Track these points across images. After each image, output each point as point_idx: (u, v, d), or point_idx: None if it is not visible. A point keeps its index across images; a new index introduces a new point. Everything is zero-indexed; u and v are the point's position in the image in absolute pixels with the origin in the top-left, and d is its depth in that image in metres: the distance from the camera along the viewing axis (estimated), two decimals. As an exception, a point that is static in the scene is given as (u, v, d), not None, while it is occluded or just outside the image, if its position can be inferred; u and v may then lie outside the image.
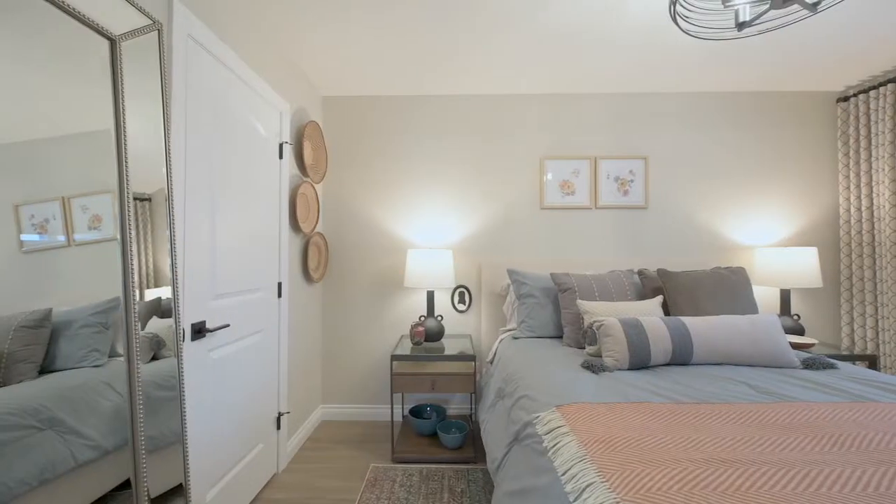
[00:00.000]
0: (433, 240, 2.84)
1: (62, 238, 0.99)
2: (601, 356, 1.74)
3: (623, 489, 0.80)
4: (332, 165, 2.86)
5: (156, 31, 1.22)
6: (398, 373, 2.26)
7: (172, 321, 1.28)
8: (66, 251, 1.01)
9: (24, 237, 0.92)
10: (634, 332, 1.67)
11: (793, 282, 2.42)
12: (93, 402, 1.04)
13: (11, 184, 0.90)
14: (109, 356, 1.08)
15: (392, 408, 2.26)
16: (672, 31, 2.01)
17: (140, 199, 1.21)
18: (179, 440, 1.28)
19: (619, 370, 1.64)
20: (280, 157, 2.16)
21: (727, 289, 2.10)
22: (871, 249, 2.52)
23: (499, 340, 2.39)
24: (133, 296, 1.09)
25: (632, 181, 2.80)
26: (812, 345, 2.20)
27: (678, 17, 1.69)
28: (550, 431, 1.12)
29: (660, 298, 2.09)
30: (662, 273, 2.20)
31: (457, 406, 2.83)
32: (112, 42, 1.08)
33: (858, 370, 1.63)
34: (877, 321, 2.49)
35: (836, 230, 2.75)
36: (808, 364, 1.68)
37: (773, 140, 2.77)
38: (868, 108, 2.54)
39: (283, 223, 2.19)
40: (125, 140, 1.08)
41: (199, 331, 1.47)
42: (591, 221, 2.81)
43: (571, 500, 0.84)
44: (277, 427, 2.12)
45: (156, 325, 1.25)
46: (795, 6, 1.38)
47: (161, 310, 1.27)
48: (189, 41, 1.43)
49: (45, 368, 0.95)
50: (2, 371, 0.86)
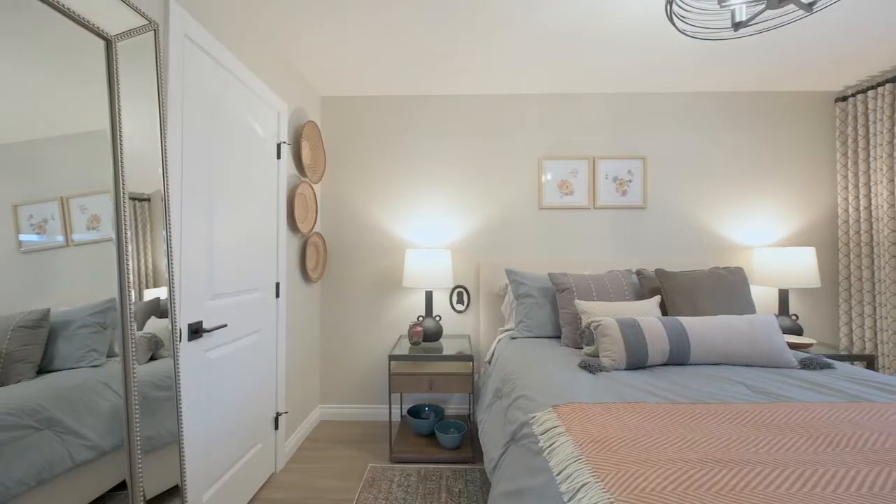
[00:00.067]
0: (432, 240, 2.84)
1: (61, 238, 0.99)
2: (598, 356, 1.74)
3: (617, 489, 0.80)
4: (331, 165, 2.86)
5: (152, 32, 1.22)
6: (396, 373, 2.26)
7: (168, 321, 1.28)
8: (65, 251, 1.00)
9: (23, 237, 0.92)
10: (632, 332, 1.67)
11: (791, 282, 2.42)
12: (91, 403, 1.04)
13: (10, 184, 0.90)
14: (108, 356, 1.08)
15: (390, 408, 2.26)
16: (671, 31, 2.01)
17: (139, 200, 1.21)
18: (176, 441, 1.28)
19: (617, 370, 1.64)
20: (278, 158, 2.16)
21: (725, 289, 2.10)
22: (870, 249, 2.52)
23: (497, 340, 2.39)
24: (129, 296, 1.09)
25: (630, 181, 2.80)
26: (810, 345, 2.20)
27: (674, 17, 1.68)
28: (546, 431, 1.12)
29: (657, 298, 2.09)
30: (660, 273, 2.20)
31: (455, 406, 2.83)
32: (108, 42, 1.08)
33: (856, 370, 1.63)
34: (875, 321, 2.49)
35: (835, 230, 2.74)
36: (806, 364, 1.68)
37: (772, 140, 2.77)
38: (866, 108, 2.53)
39: (281, 223, 2.19)
40: (121, 140, 1.08)
41: (196, 331, 1.47)
42: (590, 221, 2.81)
43: (566, 501, 0.84)
44: (275, 427, 2.12)
45: (154, 325, 1.25)
46: (791, 6, 1.38)
47: (160, 310, 1.27)
48: (185, 41, 1.43)
49: (44, 368, 0.95)
50: (0, 371, 0.86)
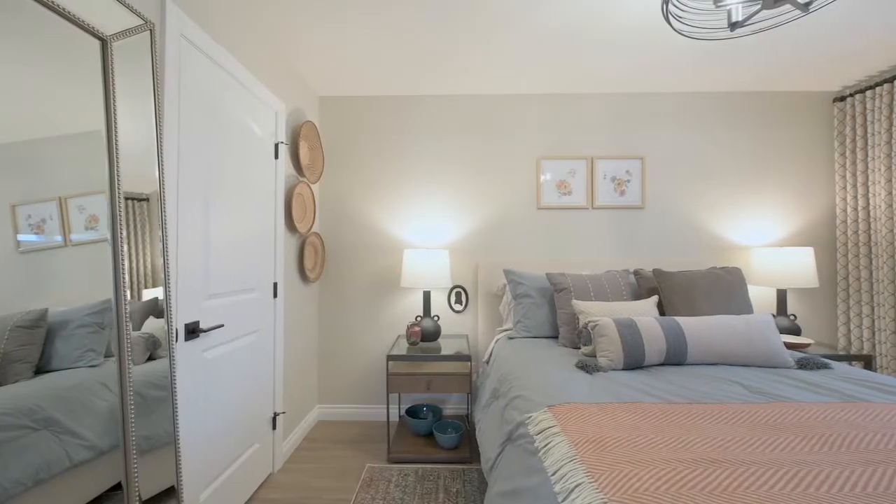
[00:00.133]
0: (430, 240, 2.84)
1: (59, 238, 0.99)
2: (595, 356, 1.74)
3: (611, 489, 0.80)
4: (329, 165, 2.86)
5: (148, 32, 1.22)
6: (394, 373, 2.26)
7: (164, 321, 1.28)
8: (63, 251, 1.00)
9: (21, 237, 0.92)
10: (629, 332, 1.67)
11: (789, 282, 2.42)
12: (88, 403, 1.04)
13: (8, 184, 0.90)
14: (106, 356, 1.08)
15: (388, 408, 2.26)
16: (670, 32, 2.01)
17: (138, 200, 1.21)
18: (172, 441, 1.28)
19: (614, 370, 1.63)
20: (275, 157, 2.16)
21: (723, 289, 2.10)
22: (868, 249, 2.51)
23: (495, 340, 2.39)
24: (124, 296, 1.09)
25: (628, 181, 2.80)
26: (808, 345, 2.20)
27: (671, 17, 1.68)
28: (542, 431, 1.12)
29: (655, 298, 2.08)
30: (658, 273, 2.20)
31: (453, 406, 2.83)
32: (103, 42, 1.08)
33: (852, 370, 1.63)
34: (873, 321, 2.49)
35: (833, 230, 2.74)
36: (803, 364, 1.68)
37: (770, 140, 2.77)
38: (864, 108, 2.53)
39: (279, 223, 2.19)
40: (116, 140, 1.08)
41: (193, 331, 1.47)
42: (588, 221, 2.81)
43: (560, 501, 0.84)
44: (273, 427, 2.12)
45: (153, 325, 1.25)
46: (787, 6, 1.38)
47: (158, 310, 1.28)
48: (182, 41, 1.43)
49: (41, 368, 0.95)
50: (-4, 371, 0.86)
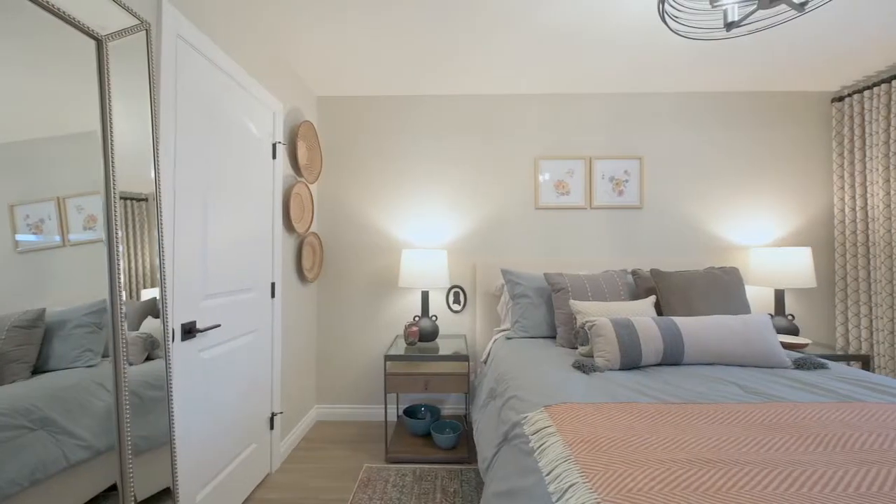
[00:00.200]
0: (429, 240, 2.84)
1: (57, 238, 1.00)
2: (593, 356, 1.74)
3: (605, 489, 0.80)
4: (328, 165, 2.86)
5: (143, 32, 1.22)
6: (392, 373, 2.26)
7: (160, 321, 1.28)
8: (62, 251, 1.01)
9: (20, 237, 0.93)
10: (626, 333, 1.67)
11: (787, 282, 2.42)
12: (86, 403, 1.04)
13: (7, 184, 0.90)
14: (103, 356, 1.08)
15: (386, 408, 2.26)
16: (668, 32, 2.00)
17: (137, 200, 1.21)
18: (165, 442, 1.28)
19: (610, 370, 1.63)
20: (273, 158, 2.16)
21: (720, 289, 2.10)
22: (866, 249, 2.51)
23: (493, 340, 2.39)
24: (119, 296, 1.09)
25: (627, 181, 2.80)
26: (805, 345, 2.20)
27: (667, 17, 1.68)
28: (537, 432, 1.12)
29: (652, 298, 2.08)
30: (655, 273, 2.20)
31: (451, 406, 2.83)
32: (99, 42, 1.08)
33: (849, 370, 1.63)
34: (871, 321, 2.49)
35: (831, 230, 2.74)
36: (799, 364, 1.68)
37: (769, 140, 2.77)
38: (862, 109, 2.53)
39: (277, 223, 2.19)
40: (112, 140, 1.08)
41: (190, 331, 1.47)
42: (586, 221, 2.81)
43: (554, 501, 0.84)
44: (270, 427, 2.12)
45: (151, 325, 1.26)
46: (783, 6, 1.38)
47: (156, 310, 1.28)
48: (179, 41, 1.43)
49: (39, 368, 0.95)
50: (-7, 371, 0.86)
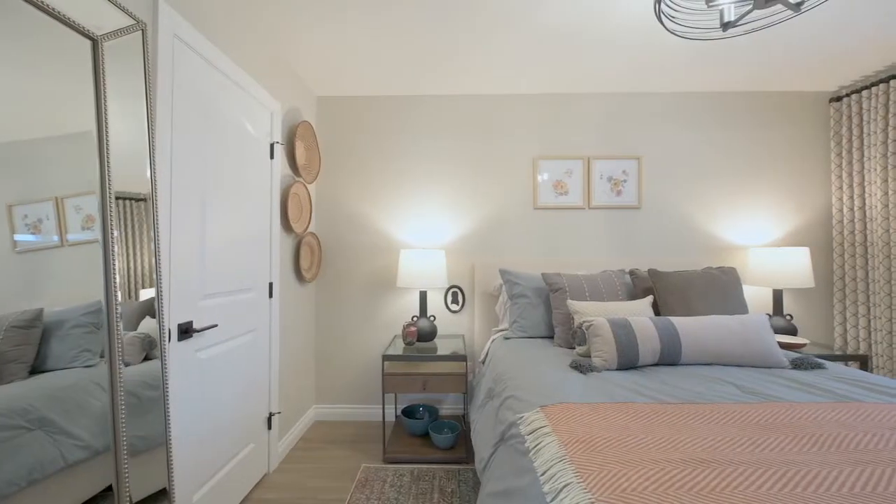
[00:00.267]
0: (427, 240, 2.84)
1: (56, 238, 1.00)
2: (590, 356, 1.74)
3: (599, 489, 0.80)
4: (326, 165, 2.86)
5: (139, 32, 1.22)
6: (390, 373, 2.26)
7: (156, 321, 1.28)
8: (60, 251, 1.01)
9: (18, 237, 0.93)
10: (623, 333, 1.67)
11: (785, 282, 2.42)
12: (84, 403, 1.04)
13: (5, 183, 0.91)
14: (101, 356, 1.08)
15: (384, 408, 2.26)
16: (667, 32, 2.00)
17: (136, 200, 1.21)
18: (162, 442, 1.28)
19: (608, 370, 1.63)
20: (271, 158, 2.16)
21: (718, 289, 2.10)
22: (864, 249, 2.51)
23: (491, 340, 2.39)
24: (115, 296, 1.09)
25: (625, 181, 2.80)
26: (803, 345, 2.20)
27: (663, 17, 1.68)
28: (533, 432, 1.12)
29: (650, 298, 2.08)
30: (653, 273, 2.20)
31: (450, 406, 2.83)
32: (94, 42, 1.08)
33: (846, 370, 1.62)
34: (869, 321, 2.49)
35: (829, 230, 2.74)
36: (797, 364, 1.68)
37: (767, 140, 2.77)
38: (861, 109, 2.53)
39: (275, 223, 2.19)
40: (107, 140, 1.08)
41: (186, 331, 1.47)
42: (585, 221, 2.81)
43: (548, 501, 0.84)
44: (268, 427, 2.12)
45: (149, 325, 1.26)
46: (779, 6, 1.38)
47: (154, 310, 1.28)
48: (175, 41, 1.42)
49: (37, 369, 0.95)
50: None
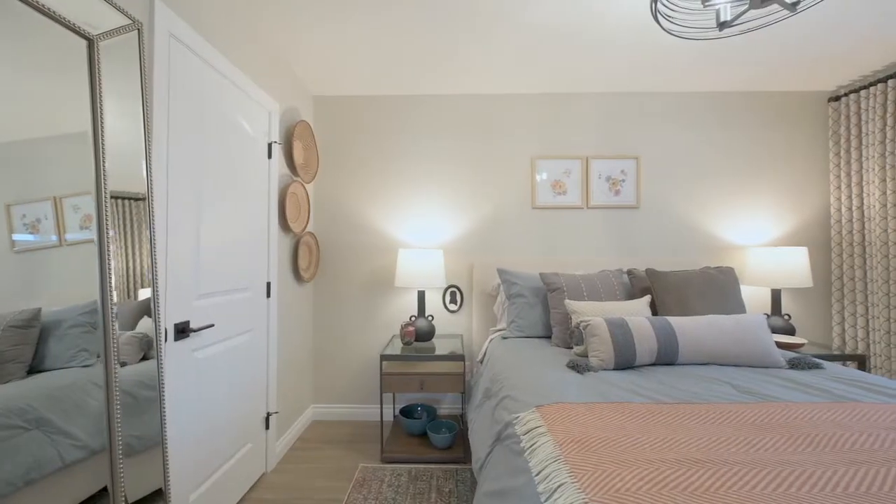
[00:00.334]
0: (426, 239, 2.83)
1: (54, 238, 1.00)
2: (587, 356, 1.74)
3: (592, 489, 0.80)
4: (325, 165, 2.86)
5: (135, 31, 1.22)
6: (388, 372, 2.26)
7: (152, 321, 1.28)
8: (58, 251, 1.01)
9: (16, 237, 0.93)
10: (620, 332, 1.67)
11: (783, 282, 2.42)
12: (81, 403, 1.04)
13: (3, 183, 0.91)
14: (99, 356, 1.08)
15: (381, 407, 2.26)
16: (665, 32, 2.00)
17: (135, 199, 1.21)
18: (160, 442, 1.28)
19: (605, 370, 1.63)
20: (269, 157, 2.16)
21: (715, 288, 2.10)
22: (862, 249, 2.51)
23: (489, 340, 2.39)
24: (110, 296, 1.09)
25: (623, 181, 2.79)
26: (801, 345, 2.20)
27: (660, 17, 1.68)
28: (528, 432, 1.12)
29: (647, 298, 2.08)
30: (651, 273, 2.19)
31: (448, 406, 2.83)
32: (90, 42, 1.08)
33: (844, 370, 1.62)
34: (867, 321, 2.49)
35: (828, 230, 2.74)
36: (794, 364, 1.68)
37: (765, 140, 2.77)
38: (859, 108, 2.53)
39: (272, 223, 2.19)
40: (102, 139, 1.08)
41: (183, 330, 1.47)
42: (583, 221, 2.80)
43: (543, 501, 0.84)
44: (266, 427, 2.12)
45: (147, 325, 1.26)
46: (775, 6, 1.38)
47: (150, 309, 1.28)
48: (172, 41, 1.42)
49: (34, 368, 0.95)
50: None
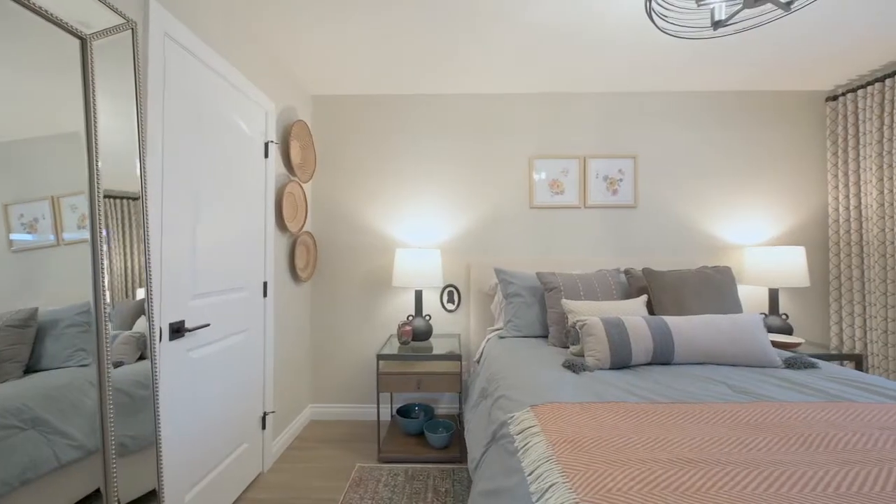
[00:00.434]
0: (424, 239, 2.83)
1: (52, 237, 1.00)
2: (584, 356, 1.73)
3: (584, 489, 0.79)
4: (323, 164, 2.86)
5: (129, 31, 1.21)
6: (384, 372, 2.26)
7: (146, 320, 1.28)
8: (56, 250, 1.01)
9: (14, 236, 0.93)
10: (616, 332, 1.67)
11: (781, 281, 2.42)
12: (78, 402, 1.04)
13: (1, 183, 0.91)
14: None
15: (378, 407, 2.26)
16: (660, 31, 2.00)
17: (133, 199, 1.21)
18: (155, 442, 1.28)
19: (601, 370, 1.63)
20: (265, 157, 2.15)
21: (712, 288, 2.10)
22: (859, 249, 2.51)
23: (486, 340, 2.39)
24: (103, 296, 1.09)
25: (621, 180, 2.79)
26: (798, 344, 2.20)
27: (654, 15, 1.68)
28: (522, 431, 1.12)
29: (644, 298, 2.08)
30: (648, 272, 2.19)
31: (446, 406, 2.83)
32: (83, 41, 1.08)
33: (839, 370, 1.62)
34: (864, 320, 2.48)
35: (825, 229, 2.74)
36: (790, 364, 1.68)
37: (763, 139, 2.77)
38: (856, 108, 2.53)
39: (269, 222, 2.19)
40: (96, 138, 1.08)
41: (178, 330, 1.47)
42: (581, 221, 2.80)
43: (534, 501, 0.84)
44: (262, 427, 2.12)
45: (144, 325, 1.26)
46: (769, 5, 1.38)
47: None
48: (167, 41, 1.42)
49: (31, 368, 0.95)
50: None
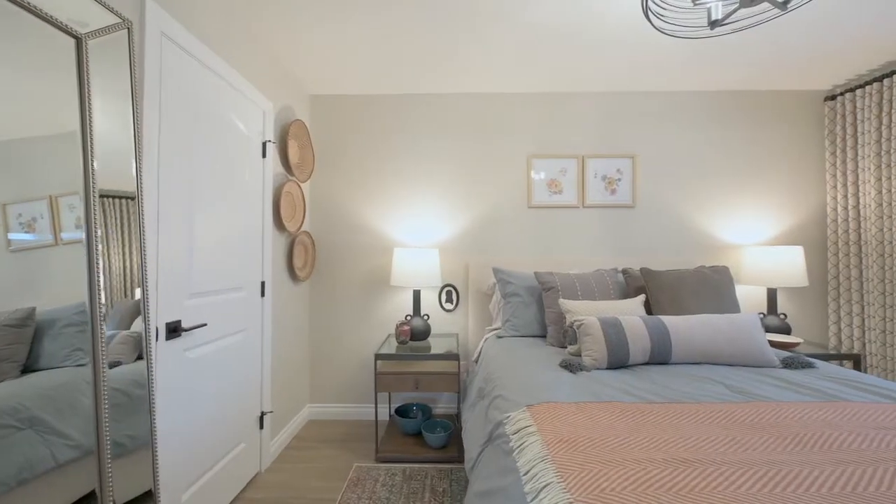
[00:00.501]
0: (422, 239, 2.83)
1: (50, 237, 1.00)
2: (581, 355, 1.73)
3: (578, 489, 0.79)
4: (322, 164, 2.86)
5: (125, 30, 1.21)
6: (382, 371, 2.26)
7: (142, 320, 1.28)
8: (54, 250, 1.01)
9: (12, 236, 0.93)
10: (613, 332, 1.67)
11: (779, 281, 2.42)
12: (75, 402, 1.04)
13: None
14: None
15: (376, 407, 2.26)
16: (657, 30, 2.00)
17: (131, 199, 1.21)
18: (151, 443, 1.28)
19: (598, 369, 1.63)
20: (263, 156, 2.15)
21: (710, 288, 2.10)
22: (858, 249, 2.51)
23: (484, 339, 2.39)
24: (98, 296, 1.08)
25: (619, 180, 2.79)
26: (796, 344, 2.20)
27: (651, 14, 1.68)
28: (518, 431, 1.12)
29: (642, 297, 2.08)
30: (645, 272, 2.19)
31: (444, 405, 2.83)
32: (78, 40, 1.08)
33: (837, 370, 1.62)
34: (863, 320, 2.48)
35: (823, 229, 2.74)
36: (788, 363, 1.68)
37: (762, 139, 2.77)
38: (854, 107, 2.53)
39: (267, 222, 2.19)
40: (91, 138, 1.08)
41: (175, 330, 1.47)
42: (579, 220, 2.80)
43: (529, 501, 0.84)
44: (260, 426, 2.12)
45: (141, 324, 1.25)
46: (766, 5, 1.38)
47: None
48: (164, 40, 1.42)
49: (29, 367, 0.95)
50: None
